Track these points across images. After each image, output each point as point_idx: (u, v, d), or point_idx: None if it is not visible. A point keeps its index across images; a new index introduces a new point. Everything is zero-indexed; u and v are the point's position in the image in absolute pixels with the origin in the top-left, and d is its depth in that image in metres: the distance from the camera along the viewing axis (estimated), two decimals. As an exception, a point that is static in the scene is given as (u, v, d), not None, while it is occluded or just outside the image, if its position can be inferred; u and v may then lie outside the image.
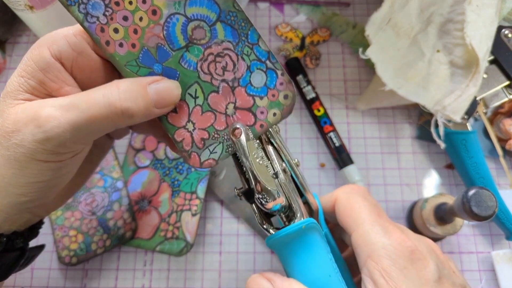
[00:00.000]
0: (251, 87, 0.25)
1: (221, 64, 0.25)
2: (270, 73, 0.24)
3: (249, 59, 0.25)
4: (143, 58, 0.25)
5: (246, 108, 0.25)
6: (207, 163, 0.26)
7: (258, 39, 0.24)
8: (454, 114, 0.42)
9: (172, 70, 0.25)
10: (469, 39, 0.41)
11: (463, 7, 0.42)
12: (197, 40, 0.25)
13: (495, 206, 0.38)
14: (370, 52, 0.43)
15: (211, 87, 0.25)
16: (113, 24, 0.25)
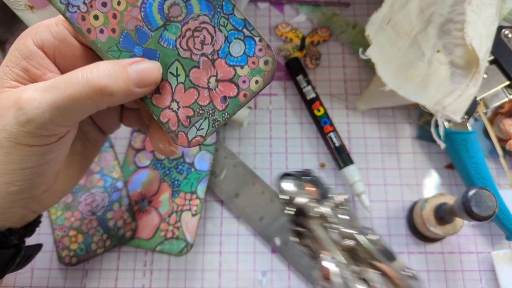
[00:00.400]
0: (231, 58, 0.24)
1: (199, 38, 0.25)
2: (248, 41, 0.24)
3: (226, 30, 0.25)
4: (124, 42, 0.26)
5: (227, 80, 0.25)
6: (195, 141, 0.25)
7: (233, 9, 0.24)
8: (454, 114, 0.42)
9: (152, 51, 0.25)
10: (469, 39, 0.41)
11: (463, 7, 0.42)
12: (174, 18, 0.25)
13: (495, 206, 0.38)
14: (370, 52, 0.44)
15: (192, 62, 0.25)
16: (93, 12, 0.25)
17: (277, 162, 0.51)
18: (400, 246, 0.48)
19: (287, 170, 0.50)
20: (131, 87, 0.25)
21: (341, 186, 0.51)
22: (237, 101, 0.25)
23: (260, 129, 0.53)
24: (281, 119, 0.53)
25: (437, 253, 0.48)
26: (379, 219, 0.49)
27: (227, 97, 0.25)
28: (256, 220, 0.48)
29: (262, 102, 0.54)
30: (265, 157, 0.52)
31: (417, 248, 0.48)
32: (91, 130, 0.33)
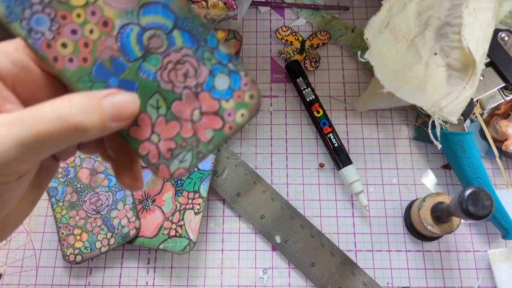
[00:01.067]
0: (216, 91, 0.24)
1: (181, 71, 0.24)
2: (233, 75, 0.24)
3: (210, 64, 0.24)
4: (97, 72, 0.24)
5: (212, 112, 0.24)
6: (177, 173, 0.24)
7: (217, 43, 0.24)
8: (451, 116, 0.43)
9: (129, 82, 0.24)
10: (466, 42, 0.42)
11: (460, 11, 0.43)
12: (154, 49, 0.24)
13: (491, 205, 0.38)
14: (369, 55, 0.44)
15: (174, 95, 0.24)
16: (61, 39, 0.24)
17: (277, 162, 0.52)
18: (398, 245, 0.49)
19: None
20: (107, 122, 0.23)
21: (340, 186, 0.51)
22: (223, 133, 0.24)
23: (260, 130, 0.54)
24: (281, 120, 0.54)
25: (434, 252, 0.49)
26: (377, 218, 0.50)
27: (212, 130, 0.24)
28: (257, 218, 0.49)
29: (262, 104, 0.55)
30: (266, 157, 0.53)
31: (414, 246, 0.49)
32: (45, 160, 0.29)
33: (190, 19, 0.24)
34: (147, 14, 0.24)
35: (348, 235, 0.50)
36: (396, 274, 0.48)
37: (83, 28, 0.23)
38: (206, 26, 0.24)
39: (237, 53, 0.52)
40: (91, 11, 0.23)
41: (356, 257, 0.49)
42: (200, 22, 0.24)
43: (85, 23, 0.23)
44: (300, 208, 0.50)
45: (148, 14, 0.24)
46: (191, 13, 0.24)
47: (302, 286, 0.48)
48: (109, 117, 0.23)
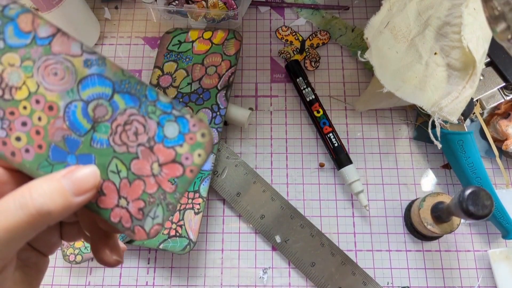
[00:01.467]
0: (168, 140, 0.24)
1: (131, 130, 0.24)
2: (180, 120, 0.24)
3: (156, 116, 0.24)
4: (54, 155, 0.25)
5: (170, 161, 0.24)
6: (153, 231, 0.24)
7: (157, 95, 0.24)
8: (451, 116, 0.43)
9: (86, 156, 0.25)
10: (466, 42, 0.42)
11: (460, 10, 0.43)
12: (101, 118, 0.24)
13: (491, 205, 0.38)
14: (369, 54, 0.44)
15: (130, 155, 0.24)
16: (14, 134, 0.24)
17: (277, 162, 0.52)
18: (398, 244, 0.49)
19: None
20: (69, 199, 0.23)
21: (340, 186, 0.51)
22: (186, 178, 0.24)
23: (260, 130, 0.54)
24: (281, 120, 0.54)
25: (434, 251, 0.49)
26: (377, 218, 0.50)
27: (175, 178, 0.24)
28: (257, 218, 0.49)
29: (262, 104, 0.55)
30: (266, 157, 0.53)
31: (414, 246, 0.49)
32: (30, 256, 0.30)
33: (126, 81, 0.24)
34: (86, 88, 0.24)
35: (348, 235, 0.50)
36: (396, 274, 0.48)
37: (31, 118, 0.24)
38: (142, 83, 0.24)
39: (237, 52, 0.52)
40: (35, 100, 0.24)
41: (356, 256, 0.49)
42: (136, 81, 0.24)
43: (32, 113, 0.24)
44: (300, 208, 0.50)
45: (87, 88, 0.24)
46: (126, 75, 0.24)
47: (302, 286, 0.48)
48: (71, 194, 0.23)
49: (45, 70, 0.24)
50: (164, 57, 0.54)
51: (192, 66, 0.53)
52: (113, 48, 0.58)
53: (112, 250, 0.27)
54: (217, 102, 0.50)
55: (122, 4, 0.60)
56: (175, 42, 0.55)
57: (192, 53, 0.53)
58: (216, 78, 0.51)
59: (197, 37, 0.54)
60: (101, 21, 0.59)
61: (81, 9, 0.53)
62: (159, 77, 0.53)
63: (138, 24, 0.59)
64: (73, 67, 0.24)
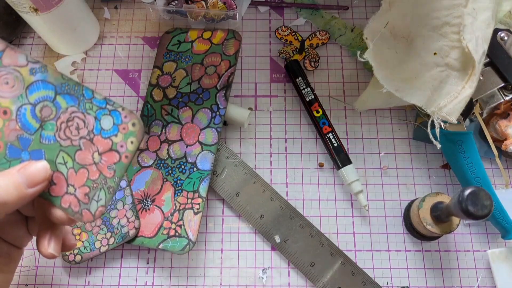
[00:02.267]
0: (104, 131, 0.27)
1: (73, 126, 0.28)
2: (114, 113, 0.27)
3: (93, 111, 0.27)
4: (10, 153, 0.28)
5: (108, 150, 0.27)
6: (98, 212, 0.28)
7: (92, 93, 0.28)
8: (450, 116, 0.43)
9: (37, 152, 0.28)
10: (466, 42, 0.42)
11: (459, 10, 0.43)
12: (47, 117, 0.28)
13: (491, 205, 0.38)
14: (368, 55, 0.44)
15: (74, 148, 0.28)
16: None
17: (277, 162, 0.52)
18: (397, 245, 0.49)
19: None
20: (23, 191, 0.27)
21: (340, 186, 0.51)
22: (122, 164, 0.27)
23: (260, 130, 0.54)
24: (281, 120, 0.54)
25: (434, 251, 0.49)
26: (377, 218, 0.50)
27: (113, 164, 0.27)
28: (256, 218, 0.49)
29: (262, 104, 0.55)
30: (265, 157, 0.53)
31: (414, 246, 0.49)
32: (1, 246, 0.34)
33: (65, 84, 0.28)
34: (32, 92, 0.28)
35: (348, 235, 0.50)
36: (396, 274, 0.48)
37: None
38: (79, 84, 0.28)
39: (237, 52, 0.52)
40: None
41: (356, 257, 0.49)
42: (74, 83, 0.28)
43: None
44: (299, 208, 0.50)
45: (33, 92, 0.28)
46: (65, 78, 0.28)
47: (301, 286, 0.48)
48: (24, 186, 0.27)
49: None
50: (164, 57, 0.54)
51: (192, 66, 0.53)
52: (112, 48, 0.58)
53: (51, 243, 0.30)
54: (217, 102, 0.50)
55: (122, 4, 0.60)
56: (174, 42, 0.55)
57: (192, 53, 0.53)
58: (215, 78, 0.51)
59: (197, 37, 0.54)
60: (100, 21, 0.59)
61: (80, 9, 0.53)
62: (158, 76, 0.53)
63: (137, 24, 0.59)
64: (21, 75, 0.28)
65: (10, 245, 0.34)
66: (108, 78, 0.56)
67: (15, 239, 0.34)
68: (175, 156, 0.49)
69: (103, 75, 0.56)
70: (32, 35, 0.59)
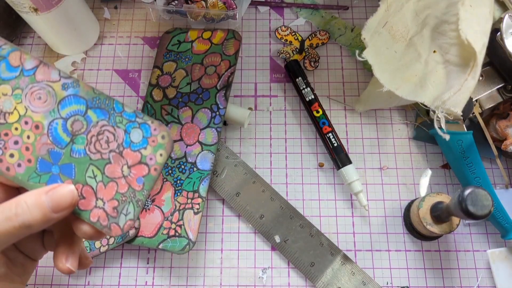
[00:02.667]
0: (134, 144, 0.27)
1: (103, 139, 0.28)
2: (143, 126, 0.27)
3: (123, 125, 0.28)
4: (41, 167, 0.28)
5: (137, 163, 0.27)
6: (127, 226, 0.28)
7: (123, 107, 0.28)
8: (455, 107, 0.42)
9: (68, 165, 0.28)
10: (465, 35, 0.42)
11: (457, 8, 0.43)
12: (78, 131, 0.28)
13: (490, 205, 0.38)
14: (367, 54, 0.44)
15: (103, 161, 0.28)
16: (8, 152, 0.28)
17: (277, 162, 0.52)
18: (397, 244, 0.49)
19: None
20: (48, 215, 0.27)
21: (340, 186, 0.51)
22: (151, 177, 0.27)
23: (260, 130, 0.54)
24: (281, 120, 0.54)
25: (433, 251, 0.49)
26: (377, 218, 0.50)
27: (142, 177, 0.27)
28: (256, 218, 0.49)
29: (262, 104, 0.55)
30: (265, 157, 0.53)
31: (414, 246, 0.49)
32: (17, 256, 0.34)
33: (96, 98, 0.28)
34: (64, 107, 0.28)
35: (348, 234, 0.50)
36: (396, 273, 0.48)
37: (22, 137, 0.28)
38: (110, 98, 0.28)
39: (237, 52, 0.52)
40: (24, 122, 0.28)
41: (356, 256, 0.49)
42: (104, 97, 0.28)
43: (22, 132, 0.28)
44: (299, 207, 0.50)
45: (65, 107, 0.28)
46: (96, 93, 0.28)
47: (301, 286, 0.48)
48: (50, 210, 0.27)
49: (31, 96, 0.28)
50: (164, 57, 0.54)
51: (192, 66, 0.53)
52: (112, 48, 0.58)
53: (69, 258, 0.30)
54: (217, 102, 0.50)
55: (122, 4, 0.60)
56: (174, 42, 0.55)
57: (192, 53, 0.53)
58: (215, 78, 0.51)
59: (197, 37, 0.54)
60: (100, 21, 0.59)
61: (80, 9, 0.53)
62: (158, 76, 0.53)
63: (137, 24, 0.59)
64: (53, 91, 0.28)
65: (25, 256, 0.34)
66: (108, 78, 0.56)
67: (30, 251, 0.34)
68: (175, 156, 0.49)
69: (103, 75, 0.56)
70: (32, 35, 0.59)
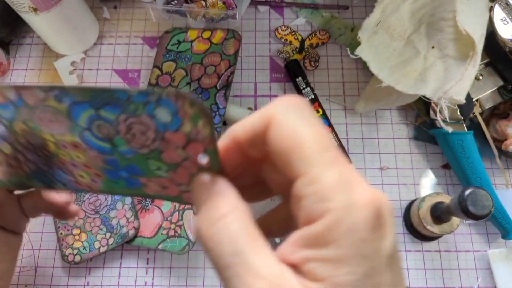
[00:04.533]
0: (170, 125, 0.24)
1: (138, 133, 0.24)
2: (162, 102, 0.23)
3: (142, 111, 0.24)
4: (111, 175, 0.27)
5: (187, 143, 0.24)
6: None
7: (126, 93, 0.24)
8: (458, 96, 0.42)
9: (130, 166, 0.26)
10: (462, 26, 0.42)
11: (453, 5, 0.43)
12: (111, 134, 0.25)
13: (491, 205, 0.38)
14: (360, 51, 0.44)
15: (155, 152, 0.25)
16: (76, 174, 0.27)
17: (277, 162, 0.52)
18: (397, 245, 0.49)
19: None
20: None
21: (340, 186, 0.51)
22: (211, 152, 0.23)
23: (260, 130, 0.53)
24: (281, 120, 0.54)
25: (434, 252, 0.49)
26: (377, 218, 0.50)
27: (203, 154, 0.23)
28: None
29: (262, 103, 0.55)
30: (265, 157, 0.52)
31: (414, 246, 0.49)
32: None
33: (94, 95, 0.24)
34: (77, 118, 0.25)
35: (348, 235, 0.49)
36: (396, 274, 0.48)
37: (73, 158, 0.27)
38: (106, 90, 0.24)
39: (236, 52, 0.52)
40: (62, 146, 0.26)
41: (356, 257, 0.49)
42: (100, 90, 0.24)
43: (70, 155, 0.27)
44: (299, 208, 0.50)
45: (77, 118, 0.25)
46: (90, 90, 0.24)
47: (301, 286, 0.48)
48: None
49: (43, 121, 0.25)
50: (163, 56, 0.54)
51: (191, 65, 0.52)
52: (112, 47, 0.58)
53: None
54: (216, 101, 0.50)
55: (121, 4, 0.60)
56: (174, 41, 0.54)
57: (191, 52, 0.53)
58: (215, 78, 0.51)
59: (196, 36, 0.54)
60: (100, 20, 0.59)
61: (80, 9, 0.53)
62: (158, 76, 0.53)
63: (137, 23, 0.59)
64: (54, 108, 0.25)
65: (7, 232, 0.33)
66: (108, 78, 0.56)
67: (11, 222, 0.33)
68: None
69: (103, 75, 0.56)
70: (31, 35, 0.58)
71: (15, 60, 0.57)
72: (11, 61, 0.57)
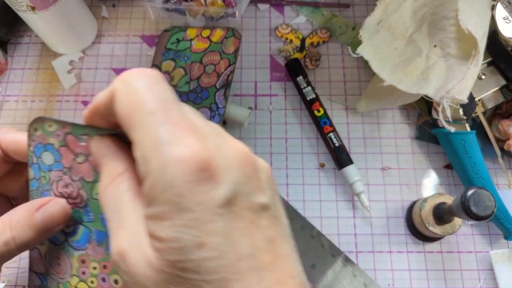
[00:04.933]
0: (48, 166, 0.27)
1: (64, 181, 0.27)
2: (48, 148, 0.27)
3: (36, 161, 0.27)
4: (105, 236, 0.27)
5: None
6: None
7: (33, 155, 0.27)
8: (460, 95, 0.42)
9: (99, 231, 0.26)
10: (464, 25, 0.42)
11: (455, 4, 0.43)
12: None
13: (493, 206, 0.38)
14: (361, 50, 0.44)
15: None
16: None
17: (277, 162, 0.52)
18: (399, 246, 0.49)
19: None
20: (42, 234, 0.26)
21: (341, 186, 0.51)
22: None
23: (260, 130, 0.53)
24: (281, 120, 0.54)
25: (436, 253, 0.48)
26: (378, 219, 0.50)
27: (77, 138, 0.26)
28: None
29: (262, 103, 0.54)
30: (266, 157, 0.52)
31: (416, 247, 0.49)
32: None
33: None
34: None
35: (349, 236, 0.49)
36: (398, 275, 0.48)
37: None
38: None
39: (236, 51, 0.51)
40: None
41: (357, 258, 0.48)
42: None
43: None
44: (300, 208, 0.50)
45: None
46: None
47: (302, 288, 0.47)
48: (44, 229, 0.26)
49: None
50: (162, 55, 0.53)
51: (191, 64, 0.52)
52: (110, 46, 0.57)
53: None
54: (216, 101, 0.50)
55: (120, 2, 0.60)
56: (173, 40, 0.54)
57: (191, 51, 0.53)
58: (214, 77, 0.51)
59: (196, 35, 0.54)
60: (98, 19, 0.58)
61: (78, 7, 0.52)
62: (157, 76, 0.53)
63: (135, 22, 0.59)
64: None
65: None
66: (106, 77, 0.56)
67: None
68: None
69: (101, 74, 0.56)
70: (29, 34, 0.58)
71: (13, 59, 0.57)
72: (9, 60, 0.57)
